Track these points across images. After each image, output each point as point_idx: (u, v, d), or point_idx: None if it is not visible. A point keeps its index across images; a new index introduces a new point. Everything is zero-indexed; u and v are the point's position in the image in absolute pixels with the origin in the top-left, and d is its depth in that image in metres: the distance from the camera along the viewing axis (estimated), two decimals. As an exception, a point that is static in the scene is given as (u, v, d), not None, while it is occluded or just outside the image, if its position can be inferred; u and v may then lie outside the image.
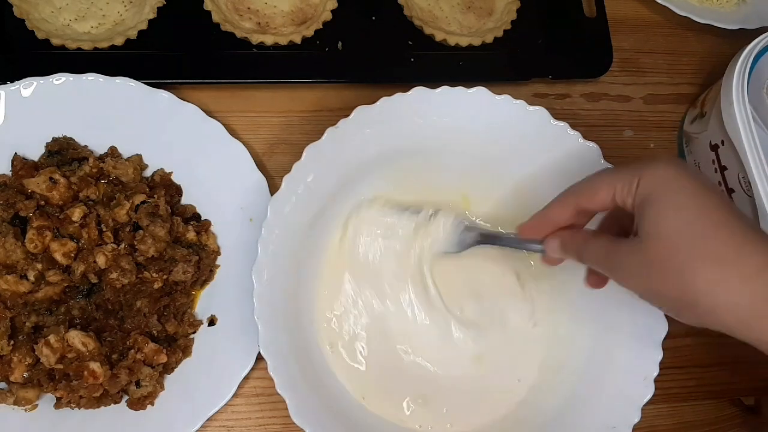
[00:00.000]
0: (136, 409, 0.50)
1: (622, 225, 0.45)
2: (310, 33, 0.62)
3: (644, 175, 0.40)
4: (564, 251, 0.45)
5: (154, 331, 0.52)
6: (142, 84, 0.56)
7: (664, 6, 0.68)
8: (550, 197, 0.55)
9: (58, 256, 0.50)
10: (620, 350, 0.51)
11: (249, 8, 0.63)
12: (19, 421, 0.49)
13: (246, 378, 0.52)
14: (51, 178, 0.52)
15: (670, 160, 0.41)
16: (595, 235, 0.44)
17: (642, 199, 0.40)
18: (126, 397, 0.51)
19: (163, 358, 0.51)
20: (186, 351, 0.53)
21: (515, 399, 0.53)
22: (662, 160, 0.40)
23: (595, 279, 0.47)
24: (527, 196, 0.56)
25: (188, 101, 0.56)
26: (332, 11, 0.63)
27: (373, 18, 0.64)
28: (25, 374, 0.49)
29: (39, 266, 0.50)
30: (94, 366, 0.48)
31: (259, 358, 0.50)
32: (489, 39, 0.64)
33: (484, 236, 0.52)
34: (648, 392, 0.49)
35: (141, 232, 0.53)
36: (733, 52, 0.57)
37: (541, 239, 0.46)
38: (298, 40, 0.61)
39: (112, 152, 0.56)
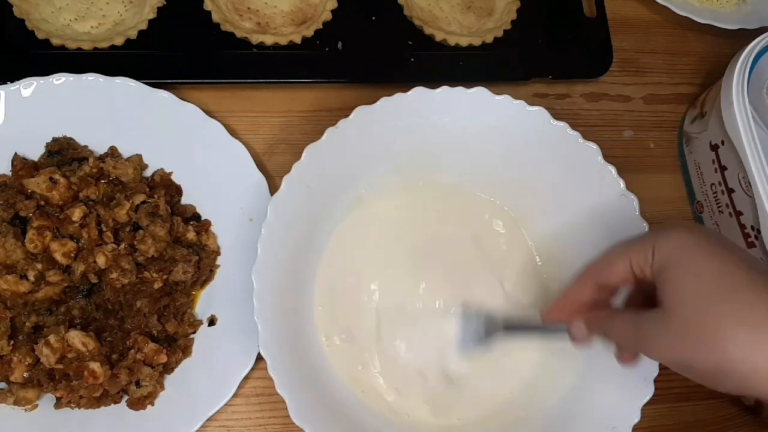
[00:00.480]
0: (136, 409, 0.50)
1: (648, 296, 0.42)
2: (310, 33, 0.62)
3: (658, 243, 0.39)
4: (590, 331, 0.44)
5: (154, 331, 0.52)
6: (142, 84, 0.56)
7: (664, 6, 0.67)
8: (550, 197, 0.55)
9: (58, 256, 0.50)
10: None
11: (249, 8, 0.63)
12: (19, 421, 0.49)
13: (246, 378, 0.52)
14: (51, 178, 0.52)
15: (683, 225, 0.40)
16: (618, 311, 0.43)
17: (659, 268, 0.39)
18: (126, 397, 0.51)
19: (163, 358, 0.51)
20: (186, 351, 0.53)
21: (515, 397, 0.53)
22: (675, 227, 0.40)
23: (627, 355, 0.45)
24: (527, 196, 0.56)
25: (188, 101, 0.56)
26: (332, 11, 0.63)
27: (373, 18, 0.64)
28: (25, 374, 0.49)
29: (39, 266, 0.50)
30: (94, 366, 0.48)
31: (259, 358, 0.50)
32: (489, 39, 0.64)
33: (508, 326, 0.51)
34: (648, 392, 0.49)
35: (141, 232, 0.53)
36: (733, 52, 0.57)
37: (567, 321, 0.45)
38: (298, 40, 0.61)
39: (112, 152, 0.56)
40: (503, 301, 0.55)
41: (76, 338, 0.49)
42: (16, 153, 0.54)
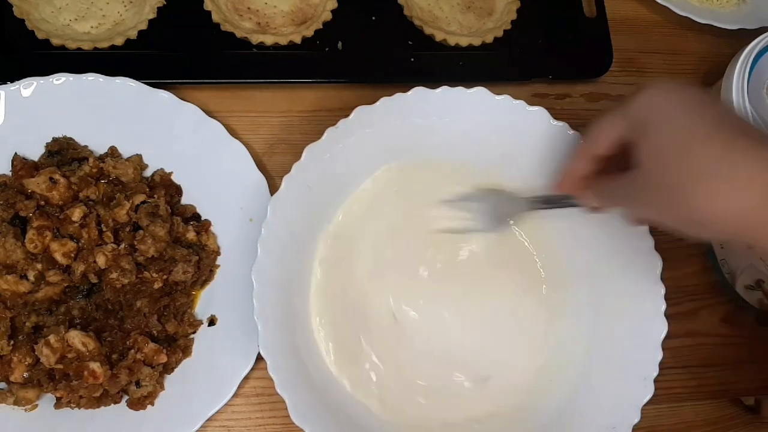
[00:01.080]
0: (136, 409, 0.50)
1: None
2: (310, 33, 0.62)
3: (633, 104, 0.41)
4: (596, 197, 0.46)
5: (154, 331, 0.52)
6: (142, 84, 0.56)
7: (664, 6, 0.68)
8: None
9: (58, 256, 0.50)
10: (620, 350, 0.51)
11: (249, 8, 0.63)
12: (19, 421, 0.49)
13: (246, 378, 0.52)
14: (51, 178, 0.52)
15: (658, 83, 0.41)
16: (610, 176, 0.44)
17: (635, 127, 0.40)
18: (126, 397, 0.51)
19: (163, 358, 0.51)
20: (186, 351, 0.53)
21: (515, 397, 0.53)
22: (650, 86, 0.41)
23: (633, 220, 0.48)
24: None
25: (188, 101, 0.56)
26: (332, 11, 0.63)
27: (373, 18, 0.64)
28: (25, 374, 0.49)
29: (39, 266, 0.50)
30: (94, 366, 0.48)
31: (259, 358, 0.50)
32: (489, 39, 0.64)
33: (528, 204, 0.53)
34: (648, 392, 0.49)
35: (141, 232, 0.53)
36: (733, 52, 0.57)
37: (575, 194, 0.48)
38: (298, 40, 0.61)
39: (112, 152, 0.56)
40: (508, 298, 0.56)
41: (76, 338, 0.49)
42: (16, 153, 0.54)
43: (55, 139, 0.55)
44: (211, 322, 0.54)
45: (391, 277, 0.55)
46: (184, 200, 0.57)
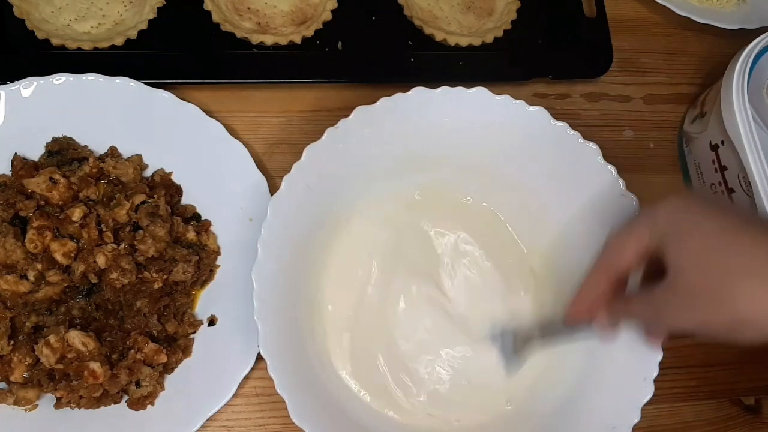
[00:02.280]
0: (136, 409, 0.50)
1: (661, 271, 0.42)
2: (310, 33, 0.62)
3: (655, 216, 0.41)
4: (612, 321, 0.45)
5: (154, 331, 0.52)
6: (142, 84, 0.56)
7: (664, 6, 0.68)
8: (549, 198, 0.55)
9: (58, 256, 0.50)
10: (620, 350, 0.51)
11: (249, 8, 0.63)
12: (19, 421, 0.49)
13: (246, 378, 0.52)
14: (51, 178, 0.52)
15: (677, 194, 0.41)
16: (634, 293, 0.44)
17: (660, 238, 0.40)
18: (126, 397, 0.51)
19: (163, 358, 0.51)
20: (186, 351, 0.53)
21: (515, 397, 0.53)
22: (669, 198, 0.41)
23: (654, 337, 0.46)
24: (527, 195, 0.56)
25: (188, 101, 0.56)
26: (332, 11, 0.63)
27: (373, 18, 0.64)
28: (25, 374, 0.49)
29: (39, 266, 0.50)
30: (94, 366, 0.48)
31: (259, 358, 0.50)
32: (489, 39, 0.64)
33: (534, 338, 0.52)
34: (648, 392, 0.49)
35: (141, 232, 0.53)
36: (733, 52, 0.57)
37: (588, 318, 0.46)
38: (298, 40, 0.61)
39: (112, 152, 0.56)
40: (502, 299, 0.56)
41: (76, 338, 0.49)
42: (16, 153, 0.54)
43: (55, 139, 0.55)
44: (211, 322, 0.54)
45: (394, 277, 0.55)
46: (184, 200, 0.57)
